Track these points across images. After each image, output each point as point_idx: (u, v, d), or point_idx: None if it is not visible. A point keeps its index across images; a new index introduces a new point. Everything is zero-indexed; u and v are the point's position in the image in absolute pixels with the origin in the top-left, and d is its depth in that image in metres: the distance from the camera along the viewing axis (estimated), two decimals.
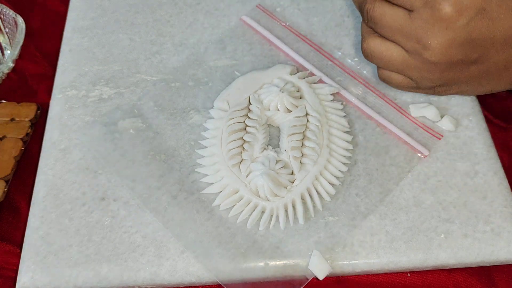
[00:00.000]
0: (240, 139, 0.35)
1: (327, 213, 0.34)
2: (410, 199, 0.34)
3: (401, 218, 0.34)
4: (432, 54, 0.32)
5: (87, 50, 0.42)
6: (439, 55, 0.32)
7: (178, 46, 0.42)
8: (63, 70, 0.41)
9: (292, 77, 0.39)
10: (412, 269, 0.33)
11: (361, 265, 0.32)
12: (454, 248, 0.33)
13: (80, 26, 0.43)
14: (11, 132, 0.38)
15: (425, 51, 0.32)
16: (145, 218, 0.33)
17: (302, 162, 0.35)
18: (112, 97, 0.39)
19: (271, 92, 0.37)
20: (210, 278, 0.32)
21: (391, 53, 0.34)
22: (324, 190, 0.34)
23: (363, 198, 0.34)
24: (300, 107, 0.37)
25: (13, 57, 0.41)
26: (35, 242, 0.33)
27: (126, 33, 0.43)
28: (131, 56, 0.41)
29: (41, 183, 0.35)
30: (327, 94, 0.38)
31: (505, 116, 0.41)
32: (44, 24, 0.46)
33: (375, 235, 0.33)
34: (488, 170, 0.36)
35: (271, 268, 0.32)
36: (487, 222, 0.33)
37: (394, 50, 0.34)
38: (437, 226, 0.33)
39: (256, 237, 0.33)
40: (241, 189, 0.34)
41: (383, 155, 0.36)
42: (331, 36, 0.42)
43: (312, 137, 0.35)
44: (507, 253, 0.33)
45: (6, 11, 0.42)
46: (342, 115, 0.37)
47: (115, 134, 0.37)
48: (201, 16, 0.44)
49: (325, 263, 0.31)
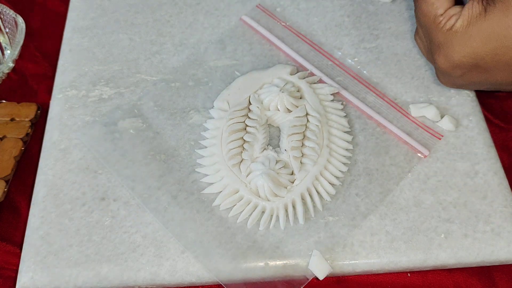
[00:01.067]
0: (240, 139, 0.35)
1: (327, 213, 0.34)
2: (410, 199, 0.34)
3: (401, 218, 0.34)
4: (437, 67, 0.36)
5: (87, 50, 0.42)
6: (443, 72, 0.36)
7: (178, 46, 0.42)
8: (63, 70, 0.41)
9: (292, 77, 0.39)
10: (412, 269, 0.33)
11: (361, 265, 0.32)
12: (454, 248, 0.33)
13: (80, 26, 0.43)
14: (11, 132, 0.38)
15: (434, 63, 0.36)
16: (145, 218, 0.33)
17: (302, 162, 0.35)
18: (112, 97, 0.39)
19: (271, 92, 0.37)
20: (210, 278, 0.32)
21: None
22: (324, 190, 0.34)
23: (363, 198, 0.34)
24: (300, 107, 0.37)
25: (13, 57, 0.41)
26: (35, 242, 0.33)
27: (126, 33, 0.43)
28: (131, 56, 0.41)
29: (41, 183, 0.35)
30: (327, 94, 0.38)
31: (505, 116, 0.41)
32: (44, 24, 0.46)
33: (375, 235, 0.33)
34: (488, 170, 0.36)
35: (271, 268, 0.32)
36: (487, 222, 0.33)
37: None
38: (437, 226, 0.33)
39: (256, 237, 0.33)
40: (241, 189, 0.34)
41: (383, 155, 0.36)
42: (331, 36, 0.42)
43: (312, 137, 0.35)
44: (507, 253, 0.33)
45: (6, 11, 0.42)
46: (342, 115, 0.37)
47: (115, 134, 0.37)
48: (201, 16, 0.44)
49: (325, 263, 0.31)
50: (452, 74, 0.35)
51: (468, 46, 0.32)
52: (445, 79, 0.36)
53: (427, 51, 0.37)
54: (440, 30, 0.33)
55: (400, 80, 0.40)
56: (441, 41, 0.34)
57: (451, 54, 0.33)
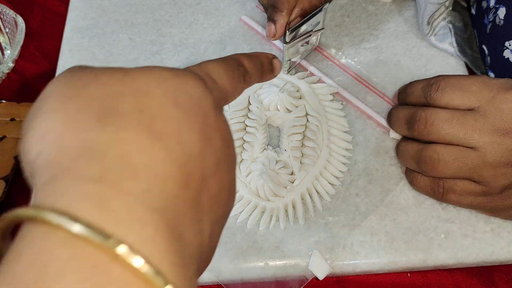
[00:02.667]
0: (240, 139, 0.35)
1: (327, 213, 0.34)
2: (410, 199, 0.34)
3: (401, 218, 0.34)
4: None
5: (87, 50, 0.42)
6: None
7: (178, 46, 0.42)
8: (63, 70, 0.40)
9: (292, 77, 0.39)
10: (412, 269, 0.33)
11: (361, 265, 0.32)
12: (454, 248, 0.32)
13: (80, 26, 0.43)
14: (11, 132, 0.38)
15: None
16: None
17: (302, 162, 0.35)
18: None
19: (271, 92, 0.37)
20: (210, 278, 0.32)
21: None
22: (324, 190, 0.34)
23: (363, 198, 0.34)
24: (300, 107, 0.37)
25: (13, 57, 0.41)
26: None
27: (126, 33, 0.43)
28: (131, 56, 0.41)
29: None
30: (326, 94, 0.38)
31: None
32: (44, 24, 0.46)
33: (375, 235, 0.33)
34: None
35: (271, 268, 0.32)
36: (487, 222, 0.33)
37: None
38: (437, 226, 0.33)
39: (256, 237, 0.33)
40: (241, 189, 0.34)
41: (383, 155, 0.36)
42: (331, 36, 0.42)
43: (312, 137, 0.35)
44: (507, 253, 0.33)
45: (6, 11, 0.42)
46: (342, 115, 0.37)
47: None
48: (201, 16, 0.44)
49: (325, 263, 0.31)
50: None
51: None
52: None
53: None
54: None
55: (400, 80, 0.40)
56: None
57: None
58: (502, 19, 0.36)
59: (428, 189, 0.33)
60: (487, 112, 0.30)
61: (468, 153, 0.30)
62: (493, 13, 0.37)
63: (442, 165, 0.31)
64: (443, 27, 0.41)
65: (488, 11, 0.38)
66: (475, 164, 0.30)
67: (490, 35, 0.38)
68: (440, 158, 0.31)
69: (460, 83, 0.31)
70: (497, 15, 0.37)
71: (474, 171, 0.30)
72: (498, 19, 0.37)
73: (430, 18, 0.40)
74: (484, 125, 0.29)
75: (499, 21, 0.36)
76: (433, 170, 0.31)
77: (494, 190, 0.30)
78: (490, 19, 0.38)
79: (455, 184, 0.31)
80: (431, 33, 0.41)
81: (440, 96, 0.31)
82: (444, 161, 0.30)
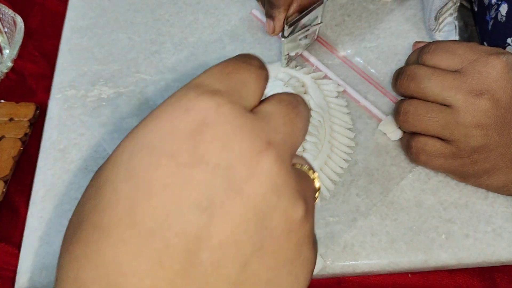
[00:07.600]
0: None
1: (327, 213, 0.33)
2: (411, 199, 0.34)
3: (402, 219, 0.33)
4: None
5: (86, 50, 0.41)
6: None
7: (177, 45, 0.42)
8: (62, 69, 0.40)
9: (297, 72, 0.38)
10: (413, 269, 0.33)
11: (361, 265, 0.32)
12: (455, 249, 0.32)
13: (79, 26, 0.43)
14: (10, 132, 0.38)
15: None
16: None
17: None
18: (111, 97, 0.39)
19: (276, 86, 0.37)
20: None
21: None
22: (324, 186, 0.34)
23: (363, 198, 0.34)
24: None
25: (12, 56, 0.41)
26: (34, 242, 0.32)
27: (125, 32, 0.43)
28: (130, 56, 0.41)
29: (40, 183, 0.35)
30: (331, 91, 0.38)
31: None
32: (43, 23, 0.46)
33: (376, 236, 0.33)
34: None
35: None
36: (489, 223, 0.33)
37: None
38: (438, 226, 0.33)
39: None
40: None
41: (384, 155, 0.36)
42: (331, 35, 0.42)
43: (314, 132, 0.35)
44: (508, 254, 0.32)
45: (5, 11, 0.42)
46: (345, 112, 0.37)
47: (114, 134, 0.37)
48: (201, 15, 0.44)
49: (319, 258, 0.31)
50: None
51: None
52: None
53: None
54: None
55: None
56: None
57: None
58: (504, 15, 0.36)
59: (404, 148, 0.35)
60: (467, 72, 0.31)
61: (442, 110, 0.31)
62: (495, 9, 0.37)
63: (412, 117, 0.32)
64: (448, 24, 0.41)
65: (490, 7, 0.38)
66: (446, 120, 0.31)
67: (492, 31, 0.38)
68: (412, 110, 0.32)
69: (449, 46, 0.32)
70: (499, 12, 0.36)
71: (446, 127, 0.31)
72: (500, 15, 0.36)
73: (437, 13, 0.39)
74: (461, 84, 0.30)
75: (501, 17, 0.36)
76: (405, 123, 0.33)
77: (463, 152, 0.31)
78: (492, 16, 0.38)
79: (426, 144, 0.32)
80: (437, 29, 0.41)
81: (430, 57, 0.33)
82: (416, 114, 0.32)
